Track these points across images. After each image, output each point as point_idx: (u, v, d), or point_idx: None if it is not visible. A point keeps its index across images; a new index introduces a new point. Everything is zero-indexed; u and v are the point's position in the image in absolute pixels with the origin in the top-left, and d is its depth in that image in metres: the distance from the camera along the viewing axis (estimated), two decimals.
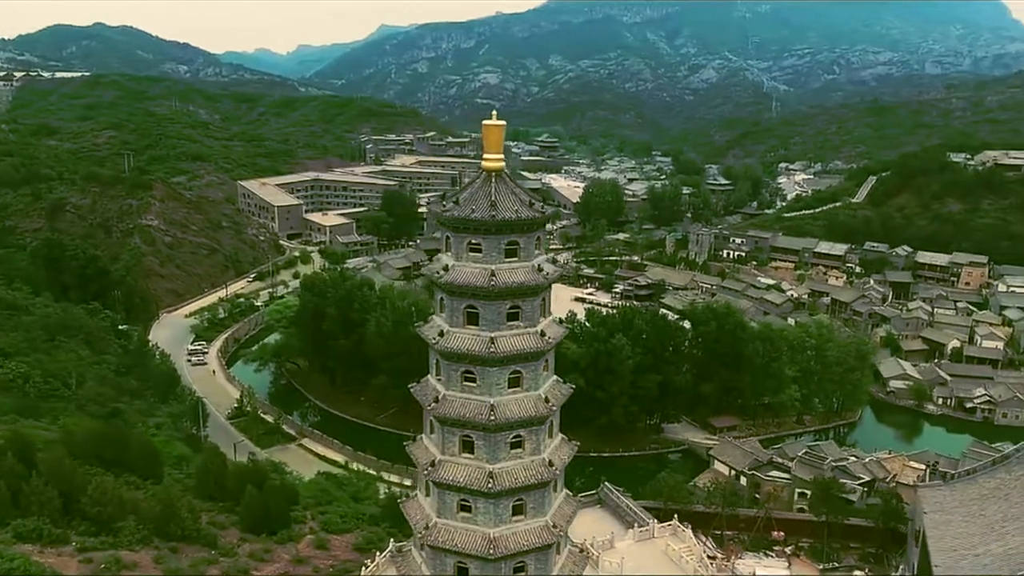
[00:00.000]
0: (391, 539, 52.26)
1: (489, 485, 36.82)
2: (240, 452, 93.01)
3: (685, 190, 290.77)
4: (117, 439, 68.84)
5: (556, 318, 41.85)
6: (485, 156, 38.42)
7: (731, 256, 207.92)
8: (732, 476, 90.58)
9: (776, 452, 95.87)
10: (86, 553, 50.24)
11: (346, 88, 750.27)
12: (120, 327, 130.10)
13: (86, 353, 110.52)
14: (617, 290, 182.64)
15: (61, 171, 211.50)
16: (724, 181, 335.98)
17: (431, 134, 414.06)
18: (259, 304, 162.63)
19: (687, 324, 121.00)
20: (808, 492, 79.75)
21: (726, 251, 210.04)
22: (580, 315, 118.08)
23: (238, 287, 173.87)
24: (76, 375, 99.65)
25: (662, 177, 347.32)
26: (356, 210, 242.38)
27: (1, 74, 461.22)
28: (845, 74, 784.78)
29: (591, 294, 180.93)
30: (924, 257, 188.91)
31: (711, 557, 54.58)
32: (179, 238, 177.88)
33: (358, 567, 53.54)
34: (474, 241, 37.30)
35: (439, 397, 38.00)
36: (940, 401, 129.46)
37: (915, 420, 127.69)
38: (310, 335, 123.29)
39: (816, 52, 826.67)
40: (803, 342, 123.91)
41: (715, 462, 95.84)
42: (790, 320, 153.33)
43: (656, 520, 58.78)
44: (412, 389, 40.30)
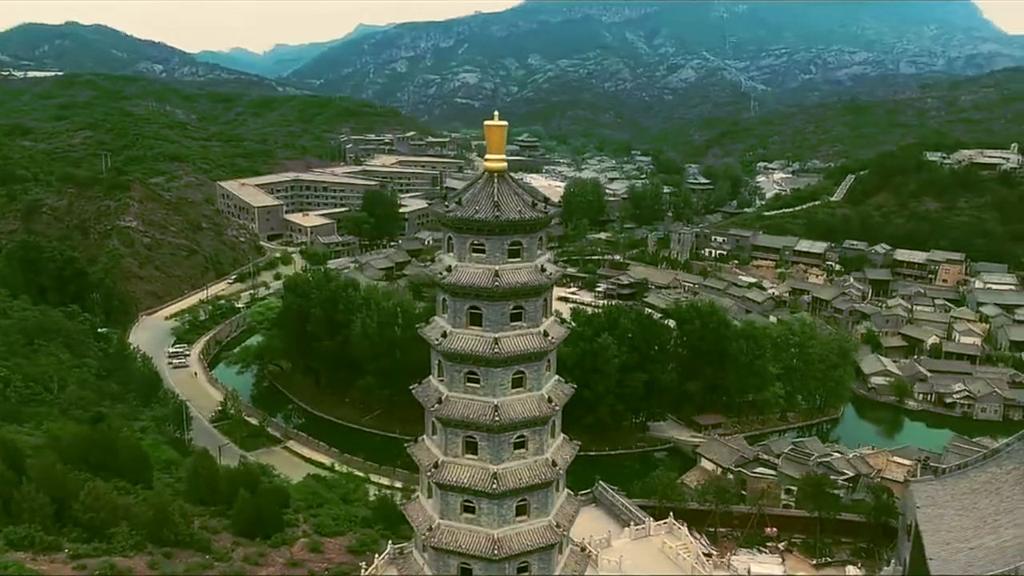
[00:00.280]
0: (388, 541, 52.13)
1: (493, 486, 36.68)
2: (225, 455, 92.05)
3: (666, 189, 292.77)
4: (105, 444, 67.82)
5: (557, 318, 41.78)
6: (487, 156, 38.41)
7: (712, 255, 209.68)
8: (719, 473, 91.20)
9: (761, 449, 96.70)
10: (79, 560, 49.50)
11: (324, 88, 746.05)
12: (100, 330, 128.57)
13: (66, 356, 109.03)
14: (600, 289, 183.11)
15: (36, 172, 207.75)
16: (704, 180, 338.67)
17: (411, 134, 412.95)
18: (240, 306, 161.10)
19: (671, 323, 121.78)
20: (794, 488, 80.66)
21: (707, 250, 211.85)
22: (565, 314, 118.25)
23: (219, 289, 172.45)
24: (58, 379, 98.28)
25: (642, 176, 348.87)
26: (337, 210, 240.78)
27: None
28: (822, 74, 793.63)
29: (574, 293, 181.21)
30: (902, 255, 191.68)
31: (707, 554, 54.86)
32: (158, 239, 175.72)
33: (353, 569, 53.28)
34: (477, 242, 37.16)
35: (442, 398, 37.80)
36: (920, 397, 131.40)
37: (896, 416, 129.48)
38: (294, 336, 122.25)
39: (793, 52, 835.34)
40: (786, 340, 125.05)
41: (702, 460, 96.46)
42: (772, 318, 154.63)
43: (651, 518, 59.00)
44: (414, 391, 40.02)
